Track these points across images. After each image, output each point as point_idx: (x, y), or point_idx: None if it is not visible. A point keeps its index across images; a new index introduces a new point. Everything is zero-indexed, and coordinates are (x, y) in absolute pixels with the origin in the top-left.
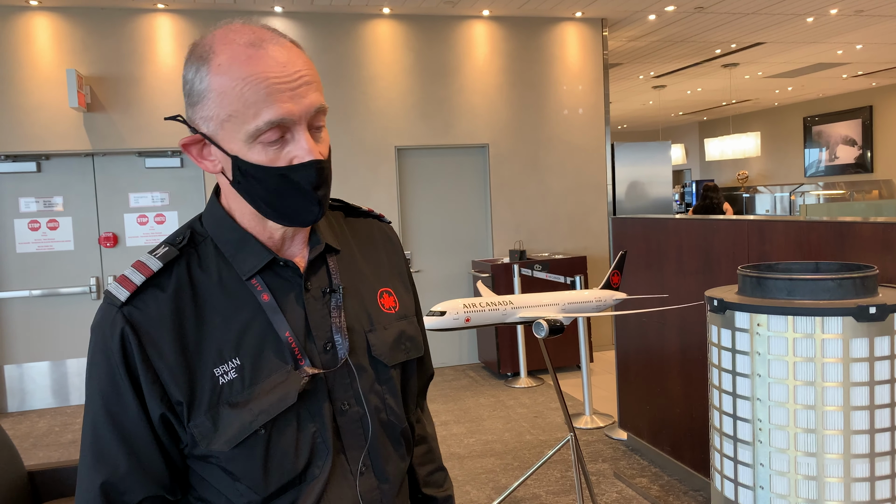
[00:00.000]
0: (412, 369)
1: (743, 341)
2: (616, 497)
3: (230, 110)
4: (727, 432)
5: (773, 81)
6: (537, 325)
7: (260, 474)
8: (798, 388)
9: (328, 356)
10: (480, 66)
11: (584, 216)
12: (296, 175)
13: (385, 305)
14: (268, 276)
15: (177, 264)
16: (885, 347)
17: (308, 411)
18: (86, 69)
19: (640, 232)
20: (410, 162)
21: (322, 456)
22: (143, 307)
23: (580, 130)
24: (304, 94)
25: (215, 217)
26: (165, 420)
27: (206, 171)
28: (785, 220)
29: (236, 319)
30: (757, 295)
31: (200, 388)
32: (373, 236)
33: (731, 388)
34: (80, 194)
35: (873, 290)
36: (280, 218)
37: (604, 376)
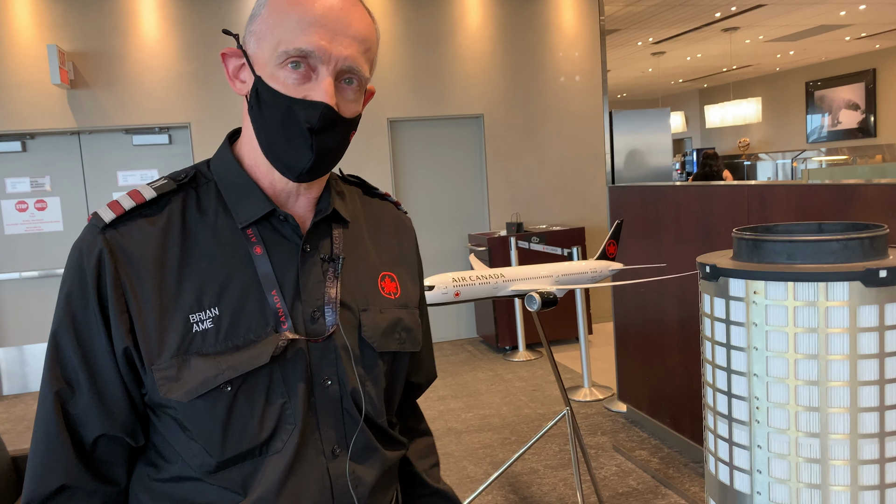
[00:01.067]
0: (403, 365)
1: (738, 311)
2: (615, 470)
3: (272, 28)
4: (721, 411)
5: (775, 45)
6: (529, 297)
7: (218, 435)
8: (799, 362)
9: (315, 326)
10: (473, 33)
11: (582, 186)
12: (300, 110)
13: (385, 289)
14: (265, 228)
15: (172, 200)
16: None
17: (282, 379)
18: (68, 45)
19: (638, 200)
20: (403, 134)
21: (288, 429)
22: (126, 234)
23: (577, 98)
24: (343, 44)
25: (224, 161)
26: (129, 357)
27: (236, 91)
28: (786, 184)
29: (223, 268)
30: (754, 260)
31: (171, 330)
32: (386, 219)
33: (725, 363)
34: (68, 173)
35: (883, 251)
36: (274, 158)
37: (603, 348)
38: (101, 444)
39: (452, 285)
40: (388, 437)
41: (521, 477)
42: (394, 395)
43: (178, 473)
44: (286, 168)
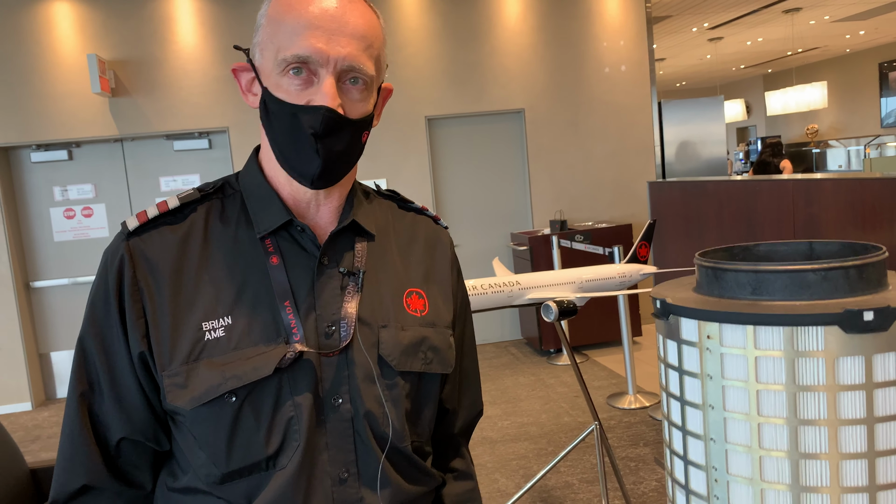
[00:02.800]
0: (432, 386)
1: (692, 358)
2: (655, 486)
3: (272, 35)
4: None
5: (842, 26)
6: (545, 307)
7: (223, 446)
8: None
9: (329, 341)
10: (512, 26)
11: (629, 181)
12: (302, 115)
13: (411, 306)
14: (284, 239)
15: (195, 210)
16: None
17: (290, 392)
18: (108, 53)
19: (679, 197)
20: (442, 132)
21: (294, 446)
22: (148, 241)
23: (623, 89)
24: (341, 44)
25: (249, 172)
26: (144, 361)
27: (249, 104)
28: (834, 178)
29: (239, 277)
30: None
31: (184, 337)
32: (419, 234)
33: (680, 421)
34: (112, 180)
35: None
36: (288, 167)
37: (652, 351)
38: (124, 447)
39: None
40: (412, 464)
41: (554, 491)
42: (420, 419)
43: (188, 484)
44: (299, 175)
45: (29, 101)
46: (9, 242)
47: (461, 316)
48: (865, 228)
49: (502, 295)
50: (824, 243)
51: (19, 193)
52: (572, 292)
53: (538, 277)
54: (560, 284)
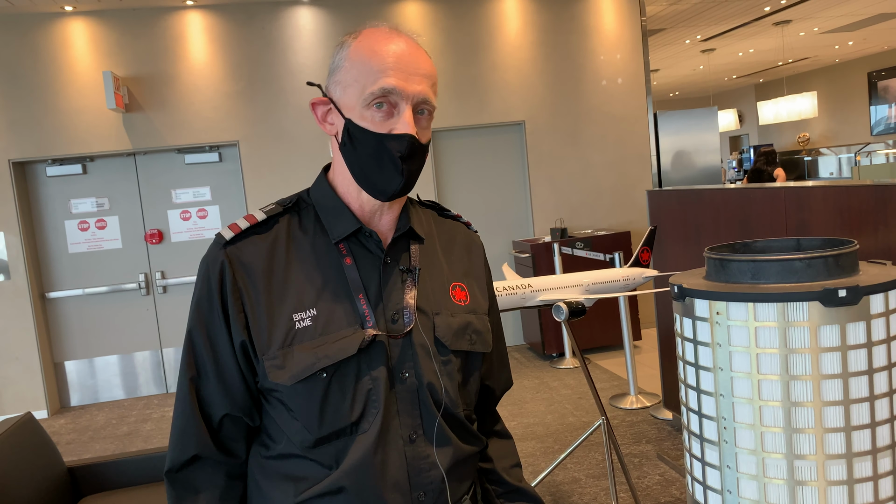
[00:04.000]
0: (476, 363)
1: (704, 331)
2: (658, 479)
3: (356, 75)
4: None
5: (831, 37)
6: (556, 307)
7: (316, 414)
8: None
9: (395, 326)
10: (512, 40)
11: (627, 190)
12: (390, 142)
13: (456, 297)
14: (354, 244)
15: (278, 220)
16: (859, 335)
17: (368, 368)
18: (122, 70)
19: (676, 205)
20: (445, 143)
21: (374, 412)
22: (243, 248)
23: (620, 101)
24: (417, 82)
25: (320, 188)
26: (245, 349)
27: (326, 132)
28: (823, 185)
29: (320, 276)
30: (721, 279)
31: (278, 327)
32: (457, 237)
33: (694, 382)
34: (125, 193)
35: (851, 269)
36: (368, 184)
37: (652, 354)
38: (226, 423)
39: None
40: (464, 429)
41: (562, 486)
42: (468, 391)
43: (282, 451)
44: (379, 192)
45: (45, 117)
46: (26, 254)
47: (493, 306)
48: (853, 233)
49: (515, 297)
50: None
51: (35, 207)
52: (580, 294)
53: (548, 280)
54: (569, 287)
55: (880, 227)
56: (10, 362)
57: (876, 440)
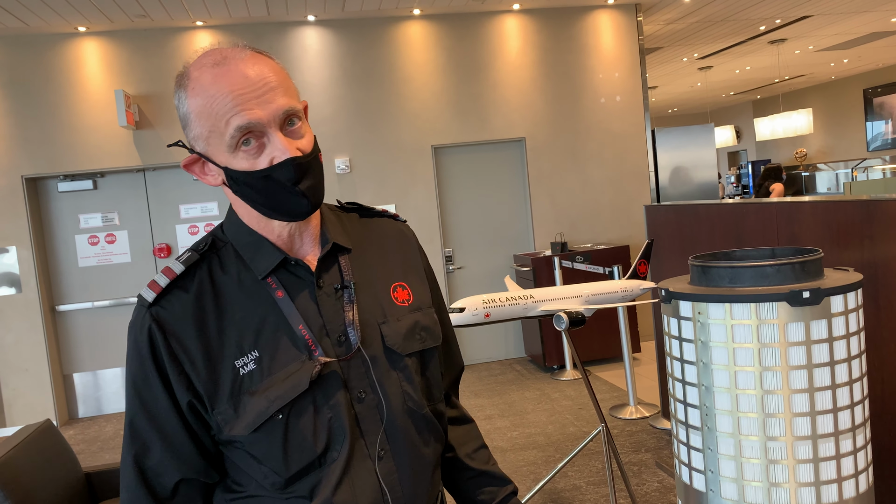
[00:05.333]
0: (431, 358)
1: (688, 329)
2: (657, 486)
3: (209, 126)
4: (681, 418)
5: (827, 55)
6: (557, 317)
7: (280, 456)
8: (738, 374)
9: (343, 348)
10: (513, 59)
11: (626, 205)
12: (276, 174)
13: (398, 298)
14: (282, 274)
15: (199, 267)
16: (822, 331)
17: (324, 398)
18: (133, 89)
19: (673, 219)
20: (448, 159)
21: (339, 440)
22: (168, 307)
23: (618, 118)
24: (270, 100)
25: (233, 224)
26: (193, 408)
27: (210, 185)
28: (812, 201)
29: (254, 315)
30: (702, 284)
31: (223, 378)
32: (387, 234)
33: (680, 375)
34: (135, 208)
35: (816, 274)
36: (277, 214)
37: (650, 366)
38: (181, 488)
39: (483, 307)
40: (433, 427)
41: (563, 493)
42: (431, 387)
43: (252, 493)
44: (291, 217)
45: (58, 134)
46: (37, 268)
47: (434, 291)
48: (840, 245)
49: (518, 307)
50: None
51: (46, 221)
52: (580, 305)
53: (549, 292)
54: (569, 298)
55: (866, 240)
56: (20, 374)
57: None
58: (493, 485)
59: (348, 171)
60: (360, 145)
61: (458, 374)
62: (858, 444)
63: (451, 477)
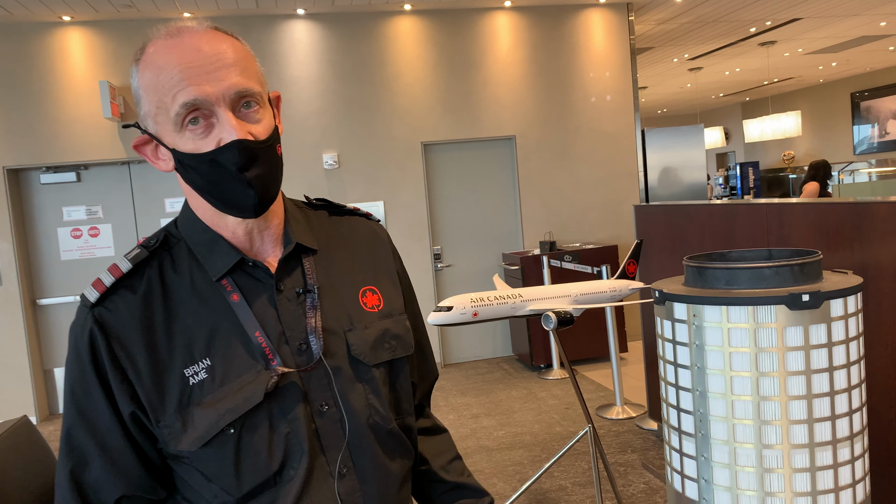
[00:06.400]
0: (401, 368)
1: (682, 332)
2: (643, 488)
3: (156, 102)
4: (673, 424)
5: (816, 58)
6: (546, 317)
7: (232, 474)
8: (734, 379)
9: (303, 357)
10: (504, 57)
11: (615, 205)
12: (221, 157)
13: (367, 304)
14: (238, 276)
15: (148, 266)
16: (821, 335)
17: (281, 411)
18: (118, 80)
19: (663, 219)
20: (438, 157)
21: (297, 457)
22: (112, 308)
23: (609, 118)
24: (222, 77)
25: (187, 219)
26: (137, 419)
27: (162, 170)
28: (803, 203)
29: (207, 320)
30: (698, 285)
31: (170, 388)
32: (358, 234)
33: (674, 379)
34: (119, 201)
35: (815, 276)
36: (224, 206)
37: (637, 366)
38: None
39: (471, 306)
40: (400, 443)
41: (549, 494)
42: (401, 399)
43: None
44: (240, 211)
45: (41, 125)
46: (18, 261)
47: (408, 296)
48: (830, 248)
49: (506, 306)
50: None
51: (28, 214)
52: (568, 304)
53: (538, 291)
54: (558, 297)
55: (855, 242)
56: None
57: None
58: (470, 497)
59: (337, 167)
60: (349, 141)
61: (432, 384)
62: (856, 452)
63: (425, 490)
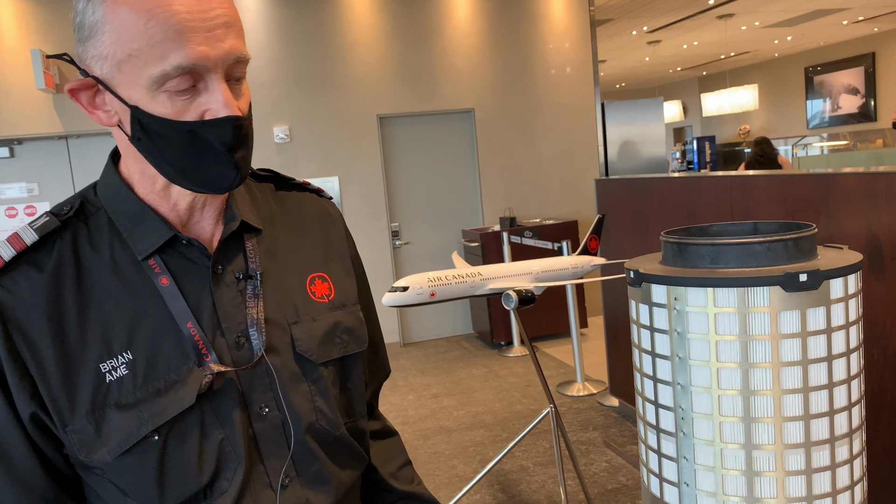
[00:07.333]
0: (353, 366)
1: (661, 318)
2: (605, 466)
3: (130, 49)
4: (650, 421)
5: (772, 31)
6: (506, 296)
7: (154, 488)
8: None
9: (241, 352)
10: (462, 27)
11: (575, 179)
12: (208, 132)
13: (316, 293)
14: (169, 256)
15: (59, 239)
16: (819, 321)
17: (215, 415)
18: (52, 48)
19: (624, 193)
20: (394, 130)
21: (231, 467)
22: (12, 287)
23: (569, 90)
24: (221, 38)
25: (111, 186)
26: (38, 421)
27: (100, 123)
28: (768, 175)
29: (129, 307)
30: (678, 264)
31: (81, 386)
32: (307, 213)
33: (651, 371)
34: (57, 178)
35: (810, 253)
36: (190, 183)
37: (598, 342)
38: None
39: (428, 285)
40: (349, 450)
41: (510, 475)
42: (353, 400)
43: None
44: (208, 189)
45: None
46: None
47: (362, 285)
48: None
49: (465, 285)
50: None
51: None
52: (529, 282)
53: (498, 269)
54: (518, 275)
55: (822, 215)
56: None
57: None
58: None
59: (288, 141)
60: (301, 114)
61: (382, 383)
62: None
63: (371, 498)
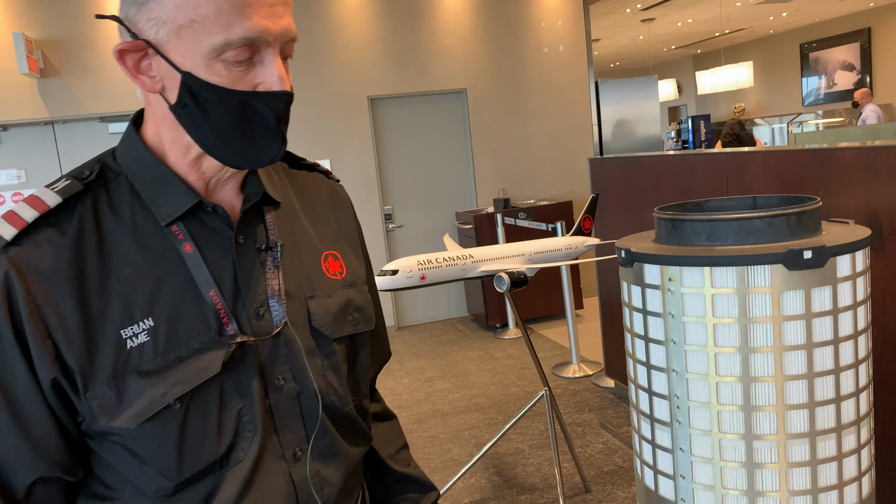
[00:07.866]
0: (361, 344)
1: (655, 300)
2: (601, 448)
3: (195, 15)
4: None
5: (767, 8)
6: (498, 278)
7: (173, 457)
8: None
9: (260, 323)
10: (453, 5)
11: (569, 159)
12: (262, 104)
13: (330, 270)
14: (192, 223)
15: (80, 203)
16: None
17: (234, 384)
18: (35, 32)
19: (619, 172)
20: (385, 112)
21: (248, 437)
22: (35, 250)
23: (562, 69)
24: (281, 14)
25: (133, 151)
26: (58, 387)
27: (143, 88)
28: (764, 150)
29: (151, 273)
30: (673, 242)
31: (103, 352)
32: (318, 193)
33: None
34: (44, 164)
35: (814, 228)
36: (231, 154)
37: (594, 323)
38: (38, 489)
39: (418, 268)
40: (355, 427)
41: (505, 458)
42: (359, 378)
43: (127, 500)
44: (251, 162)
45: None
46: None
47: (369, 271)
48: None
49: (456, 268)
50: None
51: None
52: (522, 264)
53: (490, 251)
54: (510, 257)
55: (819, 191)
56: None
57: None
58: (416, 491)
59: None
60: None
61: (382, 366)
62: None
63: (369, 479)
